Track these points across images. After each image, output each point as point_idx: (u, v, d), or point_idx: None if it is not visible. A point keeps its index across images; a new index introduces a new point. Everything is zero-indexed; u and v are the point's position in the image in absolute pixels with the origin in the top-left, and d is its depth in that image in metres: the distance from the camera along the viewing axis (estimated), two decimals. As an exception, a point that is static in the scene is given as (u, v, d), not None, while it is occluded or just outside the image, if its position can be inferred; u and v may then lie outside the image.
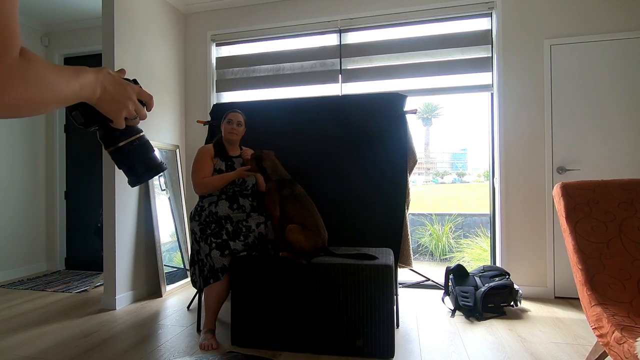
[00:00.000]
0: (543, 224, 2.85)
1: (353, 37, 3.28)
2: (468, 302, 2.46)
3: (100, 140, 0.65)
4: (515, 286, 2.50)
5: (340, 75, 3.28)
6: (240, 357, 1.85)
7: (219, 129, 2.88)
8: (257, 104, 2.96)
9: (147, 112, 0.67)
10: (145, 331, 2.26)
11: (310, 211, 2.17)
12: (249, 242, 2.15)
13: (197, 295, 2.45)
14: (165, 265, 3.01)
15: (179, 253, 3.26)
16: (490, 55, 3.00)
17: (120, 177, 2.76)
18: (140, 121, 0.67)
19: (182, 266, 3.26)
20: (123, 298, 2.74)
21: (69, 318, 2.49)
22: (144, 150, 0.68)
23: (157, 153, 0.72)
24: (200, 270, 2.15)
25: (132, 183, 0.68)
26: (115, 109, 0.60)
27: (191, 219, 2.29)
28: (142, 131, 0.68)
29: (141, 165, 0.67)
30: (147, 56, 3.08)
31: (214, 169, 2.27)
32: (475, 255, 4.64)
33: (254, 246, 2.17)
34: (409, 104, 2.63)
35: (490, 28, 3.02)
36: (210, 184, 2.20)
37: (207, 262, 2.10)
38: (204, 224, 2.19)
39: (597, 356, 1.48)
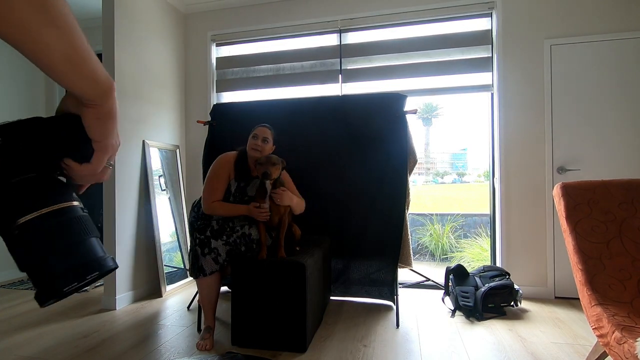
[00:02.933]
0: (543, 224, 2.84)
1: (353, 37, 3.28)
2: (468, 302, 2.46)
3: (13, 205, 0.37)
4: (516, 286, 2.50)
5: (340, 75, 3.28)
6: (239, 358, 1.85)
7: (220, 129, 2.89)
8: (257, 104, 2.96)
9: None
10: (145, 331, 2.26)
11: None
12: (230, 242, 2.08)
13: (197, 295, 2.45)
14: (165, 265, 3.01)
15: (179, 253, 3.26)
16: (490, 55, 3.00)
17: (120, 177, 2.76)
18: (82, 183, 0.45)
19: (182, 266, 3.26)
20: (123, 298, 2.74)
21: (68, 318, 2.49)
22: (73, 231, 0.38)
23: (96, 242, 0.41)
24: (192, 260, 2.13)
25: (41, 297, 0.37)
26: (113, 130, 0.42)
27: (191, 208, 2.29)
28: (76, 200, 0.41)
29: (60, 259, 0.36)
30: (147, 56, 3.08)
31: (225, 187, 2.17)
32: (475, 255, 4.64)
33: (236, 246, 2.10)
34: (409, 104, 2.63)
35: (490, 28, 3.02)
36: (218, 212, 2.13)
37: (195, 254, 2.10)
38: (195, 218, 2.21)
39: (597, 356, 1.48)
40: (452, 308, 2.55)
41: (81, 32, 0.36)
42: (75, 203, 0.40)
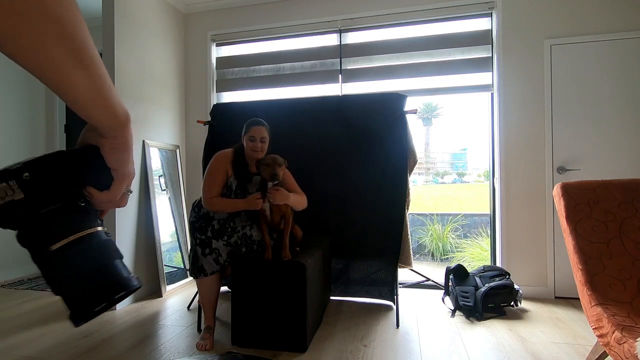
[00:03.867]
0: (543, 224, 2.84)
1: (353, 37, 3.28)
2: (468, 302, 2.46)
3: (26, 246, 0.40)
4: (516, 286, 2.50)
5: (340, 75, 3.28)
6: (239, 358, 1.85)
7: (220, 129, 2.89)
8: (257, 104, 2.96)
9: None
10: (145, 331, 2.26)
11: None
12: (231, 242, 2.09)
13: (197, 295, 2.45)
14: (165, 265, 3.01)
15: (179, 253, 3.26)
16: (490, 55, 3.00)
17: (120, 177, 2.75)
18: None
19: (182, 266, 3.26)
20: (123, 298, 2.74)
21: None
22: (99, 255, 0.41)
23: (120, 263, 0.44)
24: (192, 260, 2.12)
25: (75, 318, 0.39)
26: (129, 159, 0.46)
27: (192, 208, 2.29)
28: (100, 225, 0.43)
29: (89, 282, 0.39)
30: (147, 56, 3.08)
31: (226, 183, 2.15)
32: (475, 255, 4.64)
33: (237, 246, 2.10)
34: (409, 104, 2.63)
35: (490, 28, 3.02)
36: (217, 207, 2.10)
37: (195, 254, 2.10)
38: (196, 218, 2.20)
39: (597, 356, 1.48)
40: (452, 308, 2.55)
41: (104, 70, 0.39)
42: (100, 228, 0.43)
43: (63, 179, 0.41)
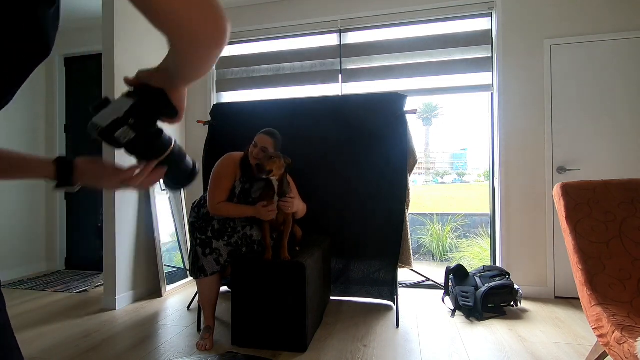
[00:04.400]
0: (543, 224, 2.84)
1: (353, 37, 3.28)
2: (468, 302, 2.46)
3: (153, 152, 0.64)
4: (516, 286, 2.50)
5: (340, 75, 3.27)
6: (239, 358, 1.85)
7: (220, 129, 2.89)
8: (257, 104, 2.96)
9: None
10: (145, 331, 2.26)
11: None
12: (231, 242, 2.08)
13: (197, 295, 2.45)
14: (165, 265, 3.01)
15: (179, 253, 3.26)
16: (490, 55, 3.00)
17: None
18: None
19: (182, 266, 3.26)
20: (123, 298, 2.74)
21: (69, 318, 2.49)
22: (183, 156, 0.68)
23: (190, 157, 0.72)
24: (193, 260, 2.12)
25: (175, 188, 0.72)
26: (185, 99, 0.64)
27: (192, 208, 2.28)
28: (172, 137, 0.69)
29: (182, 171, 0.69)
30: (147, 56, 3.08)
31: (231, 187, 2.14)
32: (475, 255, 4.64)
33: (238, 247, 2.09)
34: (409, 104, 2.62)
35: (490, 28, 3.02)
36: (224, 213, 2.09)
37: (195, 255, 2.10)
38: (195, 218, 2.20)
39: (597, 356, 1.48)
40: (452, 308, 2.55)
41: None
42: (175, 139, 0.67)
43: (152, 116, 0.62)
